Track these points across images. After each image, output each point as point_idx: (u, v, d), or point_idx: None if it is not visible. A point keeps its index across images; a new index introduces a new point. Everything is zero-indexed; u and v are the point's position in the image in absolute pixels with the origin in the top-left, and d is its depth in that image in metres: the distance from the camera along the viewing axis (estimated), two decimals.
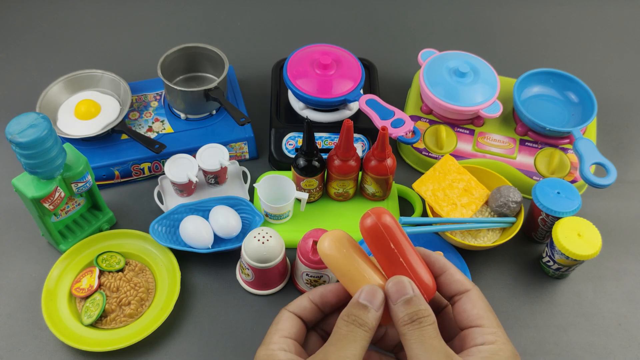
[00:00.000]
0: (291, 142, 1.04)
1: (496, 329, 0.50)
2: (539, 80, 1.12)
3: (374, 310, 0.49)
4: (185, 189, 0.98)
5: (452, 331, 0.54)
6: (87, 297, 0.88)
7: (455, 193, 0.95)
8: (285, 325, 0.53)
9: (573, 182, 1.02)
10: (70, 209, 0.94)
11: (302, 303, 0.54)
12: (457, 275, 0.53)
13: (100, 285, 0.89)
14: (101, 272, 0.90)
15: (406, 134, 0.97)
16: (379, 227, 0.51)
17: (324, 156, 0.97)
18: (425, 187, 0.95)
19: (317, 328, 0.56)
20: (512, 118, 1.10)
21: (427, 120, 1.09)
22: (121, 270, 0.91)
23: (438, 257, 0.54)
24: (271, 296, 0.92)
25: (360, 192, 1.02)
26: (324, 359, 0.48)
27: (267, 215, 0.97)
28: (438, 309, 0.56)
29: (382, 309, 0.50)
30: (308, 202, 1.00)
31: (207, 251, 0.92)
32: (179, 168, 0.97)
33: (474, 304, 0.51)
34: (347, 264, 0.52)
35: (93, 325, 0.86)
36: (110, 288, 0.88)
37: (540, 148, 1.05)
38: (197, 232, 0.91)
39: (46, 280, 0.89)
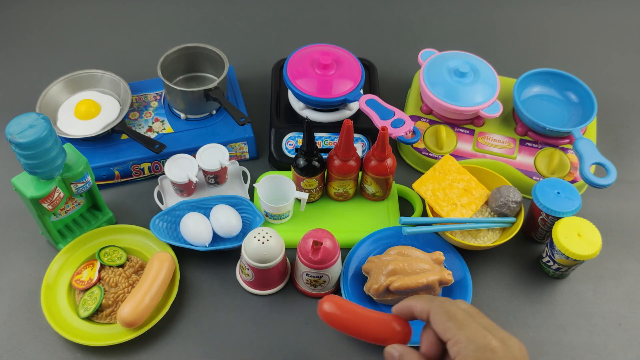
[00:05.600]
0: (291, 142, 1.04)
1: (457, 335, 0.54)
2: (539, 80, 1.11)
3: None
4: (185, 189, 0.98)
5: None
6: (85, 290, 0.88)
7: (455, 193, 0.95)
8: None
9: (573, 182, 1.02)
10: (70, 208, 0.94)
11: None
12: (417, 307, 0.60)
13: (99, 279, 0.89)
14: (102, 266, 0.90)
15: (406, 134, 0.97)
16: (331, 313, 0.65)
17: (324, 156, 0.97)
18: (425, 187, 0.95)
19: None
20: (512, 118, 1.10)
21: (427, 120, 1.09)
22: (122, 266, 0.91)
23: (401, 304, 0.62)
24: (271, 296, 0.92)
25: (360, 192, 1.02)
26: None
27: (267, 215, 0.97)
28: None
29: None
30: (308, 202, 1.00)
31: (205, 249, 0.92)
32: (179, 168, 0.97)
33: (436, 324, 0.57)
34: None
35: (89, 318, 0.86)
36: (109, 283, 0.89)
37: (540, 148, 1.05)
38: (196, 230, 0.91)
39: (47, 272, 0.89)
